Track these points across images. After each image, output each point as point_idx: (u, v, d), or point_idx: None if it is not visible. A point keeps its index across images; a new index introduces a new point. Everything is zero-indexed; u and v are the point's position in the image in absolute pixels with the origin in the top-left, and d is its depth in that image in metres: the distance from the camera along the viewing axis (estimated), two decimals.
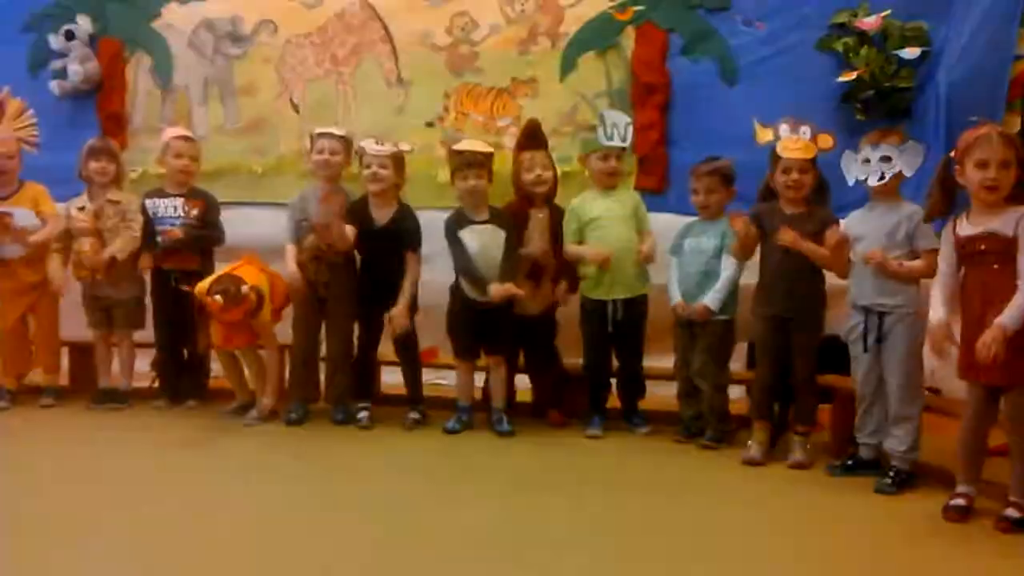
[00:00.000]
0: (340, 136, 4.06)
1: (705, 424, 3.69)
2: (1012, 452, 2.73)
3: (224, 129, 4.99)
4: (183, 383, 4.35)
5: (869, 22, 4.20)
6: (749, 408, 3.59)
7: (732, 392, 3.81)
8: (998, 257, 2.69)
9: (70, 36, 4.97)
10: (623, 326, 3.82)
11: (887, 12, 4.21)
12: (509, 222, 3.88)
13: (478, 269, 3.79)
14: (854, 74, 4.16)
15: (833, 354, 3.57)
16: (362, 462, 3.46)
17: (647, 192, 4.26)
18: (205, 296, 3.72)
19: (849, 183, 3.23)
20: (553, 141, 4.26)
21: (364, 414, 3.97)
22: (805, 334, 3.41)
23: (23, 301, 4.25)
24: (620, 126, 3.83)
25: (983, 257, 2.73)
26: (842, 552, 2.52)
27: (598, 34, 4.62)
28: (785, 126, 3.41)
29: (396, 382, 4.23)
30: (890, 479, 3.08)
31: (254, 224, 4.56)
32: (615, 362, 3.96)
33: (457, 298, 3.91)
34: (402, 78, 4.80)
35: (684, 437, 3.73)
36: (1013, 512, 2.67)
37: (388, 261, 3.94)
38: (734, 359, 3.84)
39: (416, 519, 2.71)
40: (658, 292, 3.87)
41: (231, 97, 5.00)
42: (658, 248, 3.85)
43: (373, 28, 4.83)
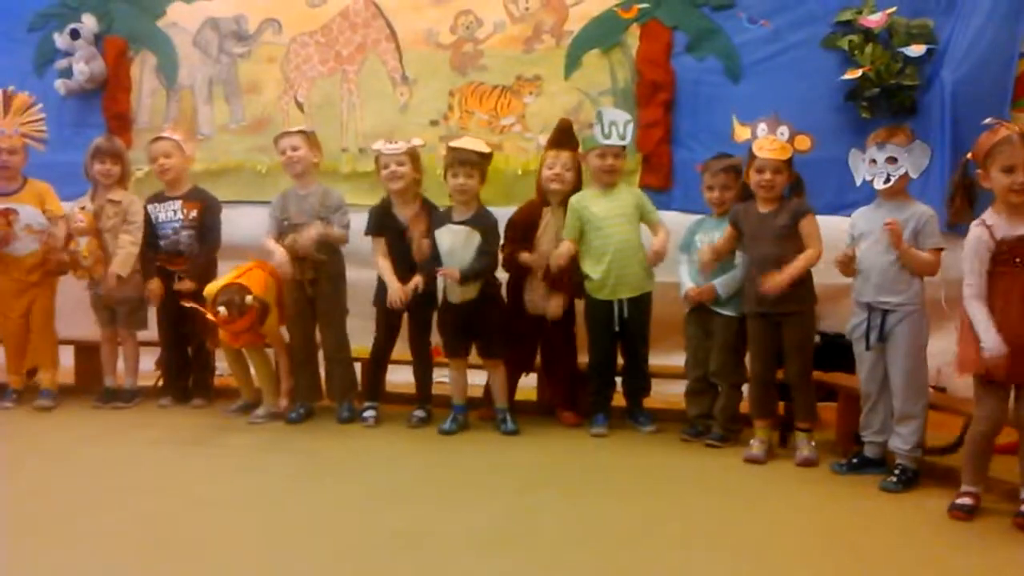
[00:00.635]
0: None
1: (712, 423, 3.69)
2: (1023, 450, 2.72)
3: (229, 128, 5.01)
4: (189, 382, 4.37)
5: (874, 19, 4.19)
6: (749, 407, 3.58)
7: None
8: None
9: (75, 35, 4.99)
10: (629, 324, 3.82)
11: (892, 9, 4.20)
12: (491, 223, 3.81)
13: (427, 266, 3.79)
14: (859, 72, 4.15)
15: (837, 352, 3.57)
16: (365, 460, 3.47)
17: (651, 190, 4.24)
18: (210, 308, 3.74)
19: (857, 183, 3.22)
20: None
21: (371, 413, 3.98)
22: (796, 330, 3.41)
23: (26, 299, 4.26)
24: (619, 124, 3.81)
25: None
26: (847, 550, 2.51)
27: (603, 32, 4.61)
28: (763, 125, 3.40)
29: (400, 381, 4.24)
30: (895, 477, 3.08)
31: (258, 223, 4.54)
32: (620, 360, 3.95)
33: (444, 297, 3.91)
34: (406, 76, 4.80)
35: (690, 436, 3.72)
36: None
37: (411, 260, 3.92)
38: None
39: (416, 519, 2.72)
40: (663, 289, 3.87)
41: (236, 96, 5.01)
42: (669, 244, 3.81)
43: (377, 26, 4.83)
